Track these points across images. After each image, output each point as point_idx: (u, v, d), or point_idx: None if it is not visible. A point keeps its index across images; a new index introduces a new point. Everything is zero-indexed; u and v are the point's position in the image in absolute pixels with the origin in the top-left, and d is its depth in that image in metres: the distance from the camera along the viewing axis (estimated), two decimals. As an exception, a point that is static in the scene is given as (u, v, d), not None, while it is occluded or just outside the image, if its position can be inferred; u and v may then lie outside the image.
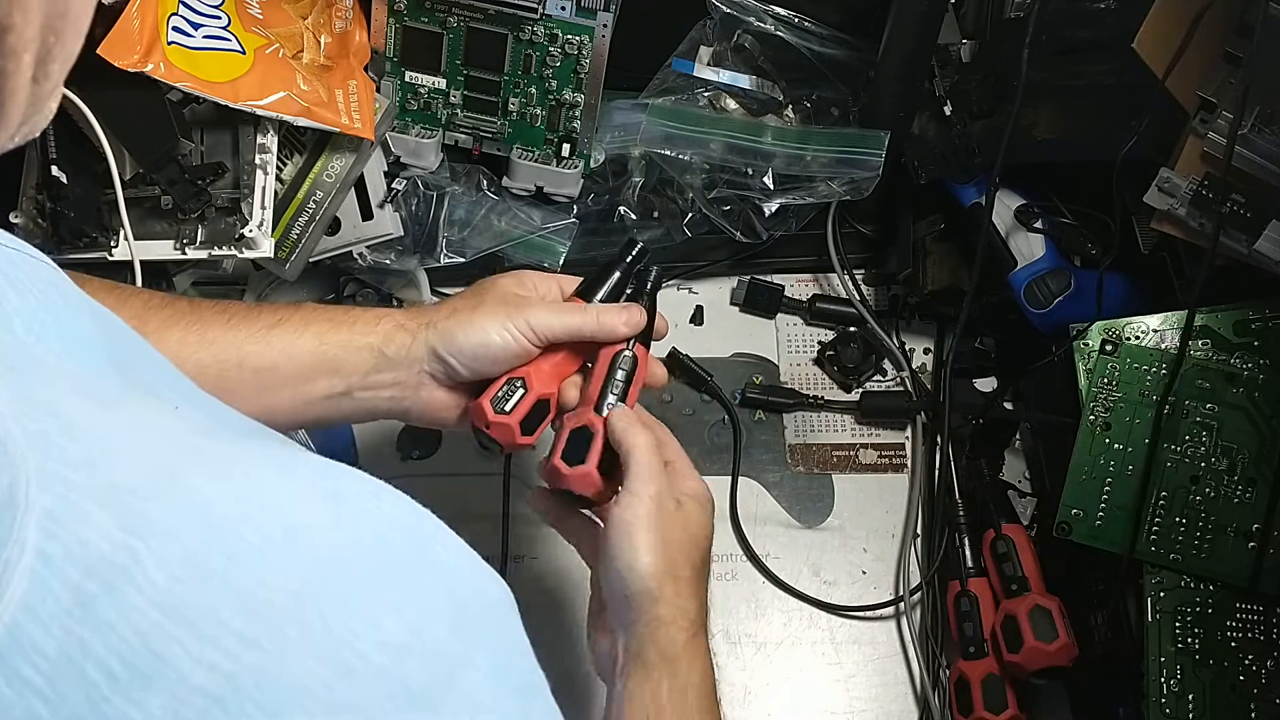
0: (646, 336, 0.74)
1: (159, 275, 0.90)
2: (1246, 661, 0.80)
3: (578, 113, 0.93)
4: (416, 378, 0.71)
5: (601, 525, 0.69)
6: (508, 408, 0.70)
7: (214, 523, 0.31)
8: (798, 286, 1.05)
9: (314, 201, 0.89)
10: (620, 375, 0.72)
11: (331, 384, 0.69)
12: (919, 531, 0.96)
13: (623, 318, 0.72)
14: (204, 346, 0.67)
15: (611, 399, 0.71)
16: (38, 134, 0.33)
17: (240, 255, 0.85)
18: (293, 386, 0.69)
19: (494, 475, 0.80)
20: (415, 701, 0.32)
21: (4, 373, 0.32)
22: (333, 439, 0.95)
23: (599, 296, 0.74)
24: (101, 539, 0.29)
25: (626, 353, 0.72)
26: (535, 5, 0.88)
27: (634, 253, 0.75)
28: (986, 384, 1.01)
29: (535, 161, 0.94)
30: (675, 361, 1.01)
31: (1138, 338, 0.86)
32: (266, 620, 0.30)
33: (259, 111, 0.82)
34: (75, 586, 0.28)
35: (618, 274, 0.75)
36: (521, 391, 0.71)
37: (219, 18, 0.82)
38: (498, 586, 0.38)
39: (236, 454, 0.36)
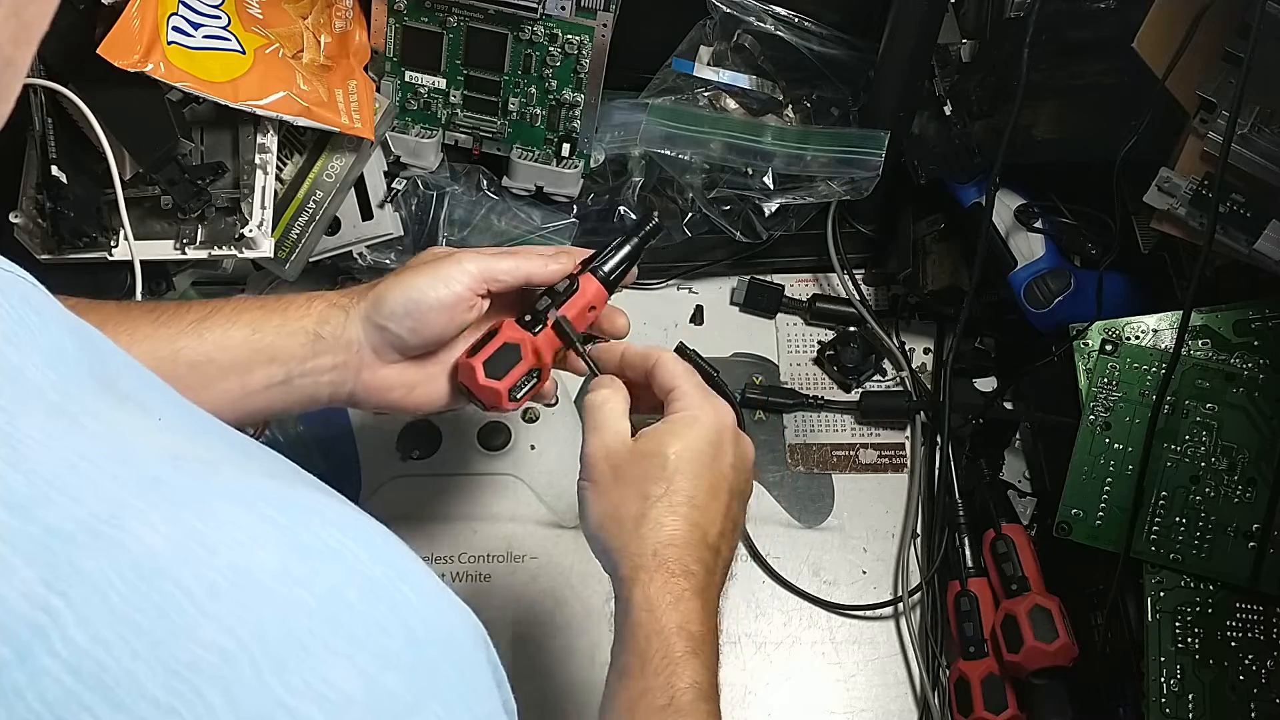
0: (608, 279, 0.73)
1: (159, 275, 0.90)
2: (1246, 661, 0.80)
3: (578, 113, 0.93)
4: (356, 358, 0.69)
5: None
6: (500, 374, 0.69)
7: (151, 570, 0.30)
8: (798, 286, 1.05)
9: (314, 201, 0.89)
10: (558, 291, 0.71)
11: (270, 373, 0.68)
12: (919, 531, 0.96)
13: (557, 257, 0.71)
14: (134, 344, 0.65)
15: (551, 313, 0.71)
16: None
17: (240, 255, 0.85)
18: (230, 379, 0.67)
19: (494, 475, 0.80)
20: None
21: None
22: (333, 440, 0.95)
23: (608, 268, 0.73)
24: (21, 597, 0.28)
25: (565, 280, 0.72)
26: (535, 5, 0.88)
27: (648, 228, 0.74)
28: (986, 384, 1.01)
29: (535, 161, 0.94)
30: (685, 356, 1.01)
31: (1137, 338, 0.86)
32: (189, 684, 0.29)
33: (259, 111, 0.82)
34: None
35: (628, 246, 0.74)
36: (516, 359, 0.70)
37: (219, 17, 0.82)
38: (464, 624, 0.36)
39: (196, 487, 0.34)
